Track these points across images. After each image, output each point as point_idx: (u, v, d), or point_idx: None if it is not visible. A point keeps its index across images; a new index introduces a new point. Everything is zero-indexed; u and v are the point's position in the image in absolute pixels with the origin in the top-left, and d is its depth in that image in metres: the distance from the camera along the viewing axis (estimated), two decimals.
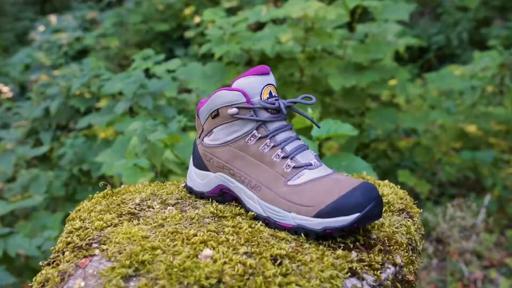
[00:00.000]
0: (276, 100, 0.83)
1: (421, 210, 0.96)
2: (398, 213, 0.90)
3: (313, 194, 0.76)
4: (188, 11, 4.74)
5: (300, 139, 0.84)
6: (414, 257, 0.82)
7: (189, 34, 4.53)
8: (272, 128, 0.82)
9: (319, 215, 0.75)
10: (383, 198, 0.96)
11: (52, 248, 0.80)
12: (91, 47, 4.47)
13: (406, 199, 0.98)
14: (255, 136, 0.82)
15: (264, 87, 0.82)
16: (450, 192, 3.35)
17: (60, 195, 2.35)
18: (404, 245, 0.80)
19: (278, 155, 0.81)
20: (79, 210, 0.91)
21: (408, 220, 0.88)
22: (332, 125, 1.51)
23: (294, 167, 0.80)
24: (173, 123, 1.80)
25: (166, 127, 1.73)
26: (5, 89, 4.14)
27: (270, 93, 0.83)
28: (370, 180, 1.08)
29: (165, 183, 1.04)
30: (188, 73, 2.58)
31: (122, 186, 1.01)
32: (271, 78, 0.84)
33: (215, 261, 0.69)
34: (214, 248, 0.72)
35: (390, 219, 0.86)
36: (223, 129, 0.85)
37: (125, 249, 0.71)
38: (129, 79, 2.15)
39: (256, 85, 0.82)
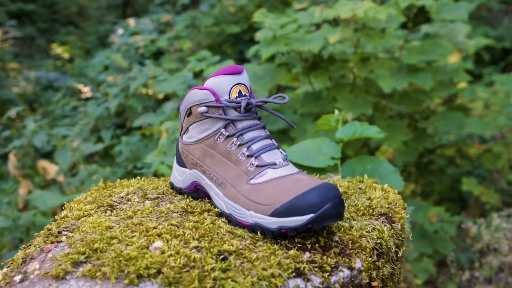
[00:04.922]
0: (246, 99, 0.83)
1: (407, 216, 0.92)
2: (377, 217, 0.88)
3: (271, 193, 0.76)
4: None
5: (271, 139, 0.84)
6: (380, 263, 0.79)
7: (259, 35, 4.59)
8: (241, 126, 0.83)
9: (275, 214, 0.75)
10: (368, 201, 0.94)
11: (36, 234, 0.86)
12: (165, 49, 4.66)
13: (395, 204, 0.94)
14: (223, 134, 0.84)
15: (233, 86, 0.83)
16: None
17: None
18: (368, 249, 0.78)
19: (244, 153, 0.82)
20: (74, 201, 0.97)
21: (385, 225, 0.85)
22: (358, 127, 1.46)
23: (257, 166, 0.80)
24: None
25: None
26: (85, 89, 4.42)
27: (240, 92, 0.84)
28: (367, 183, 1.05)
29: (159, 179, 1.08)
30: None
31: (118, 180, 1.06)
32: (242, 78, 0.84)
33: (163, 252, 0.71)
34: (167, 241, 0.74)
35: (363, 223, 0.84)
36: (196, 127, 0.87)
37: (86, 237, 0.76)
38: (177, 80, 2.23)
39: (225, 84, 0.83)
